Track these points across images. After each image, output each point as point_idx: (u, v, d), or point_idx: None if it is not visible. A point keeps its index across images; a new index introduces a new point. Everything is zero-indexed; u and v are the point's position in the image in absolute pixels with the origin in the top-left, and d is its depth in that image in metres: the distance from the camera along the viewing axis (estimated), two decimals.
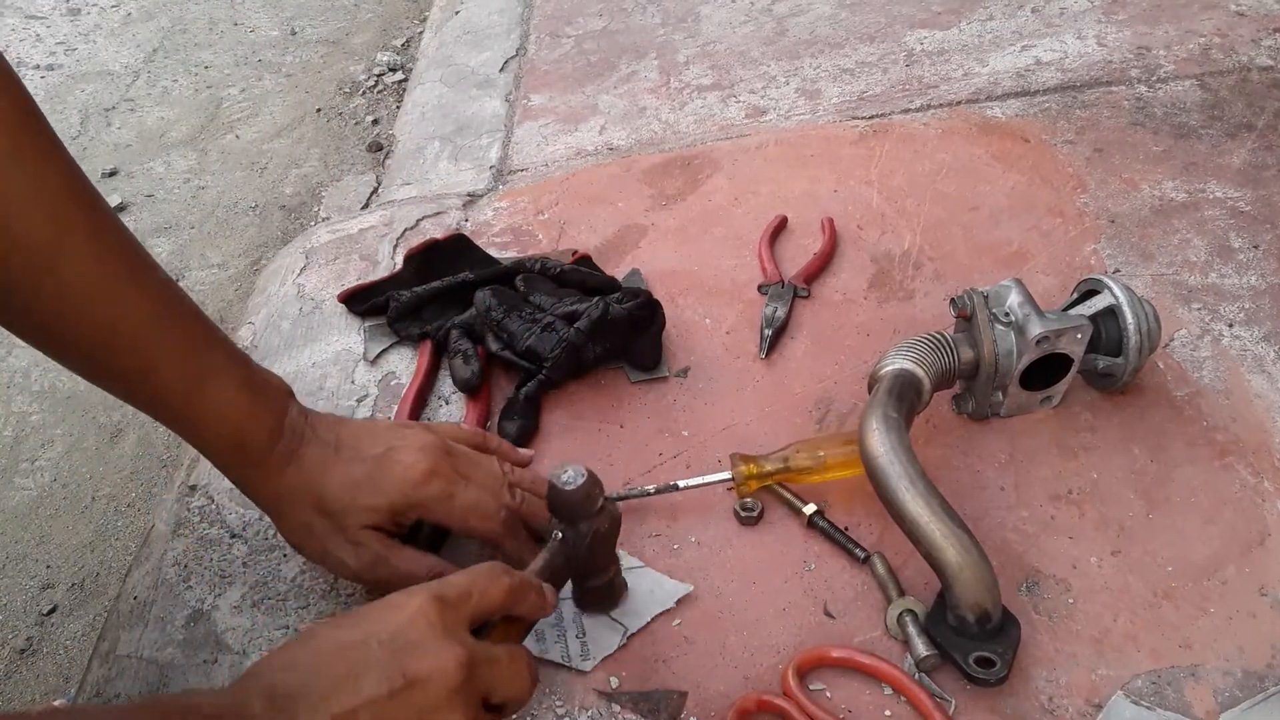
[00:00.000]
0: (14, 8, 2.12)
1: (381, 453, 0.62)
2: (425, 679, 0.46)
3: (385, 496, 0.61)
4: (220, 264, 1.44)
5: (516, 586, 0.53)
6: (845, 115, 1.13)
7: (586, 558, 0.59)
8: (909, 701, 0.58)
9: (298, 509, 0.61)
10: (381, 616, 0.48)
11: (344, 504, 0.60)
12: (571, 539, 0.58)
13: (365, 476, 0.61)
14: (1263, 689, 0.58)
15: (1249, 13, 1.22)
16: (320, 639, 0.48)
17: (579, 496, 0.56)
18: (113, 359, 0.56)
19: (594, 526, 0.58)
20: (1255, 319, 0.82)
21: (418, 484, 0.61)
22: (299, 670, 0.46)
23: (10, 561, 1.07)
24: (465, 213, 1.04)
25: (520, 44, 1.42)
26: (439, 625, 0.48)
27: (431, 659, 0.47)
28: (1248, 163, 0.98)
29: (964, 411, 0.75)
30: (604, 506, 0.58)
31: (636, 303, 0.78)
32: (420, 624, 0.48)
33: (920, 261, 0.91)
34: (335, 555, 0.61)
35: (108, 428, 1.21)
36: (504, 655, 0.51)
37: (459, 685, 0.47)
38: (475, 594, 0.51)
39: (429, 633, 0.47)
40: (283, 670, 0.46)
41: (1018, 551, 0.67)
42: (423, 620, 0.48)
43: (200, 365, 0.58)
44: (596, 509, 0.57)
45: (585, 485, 0.56)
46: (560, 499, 0.56)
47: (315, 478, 0.61)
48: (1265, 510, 0.68)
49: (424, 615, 0.48)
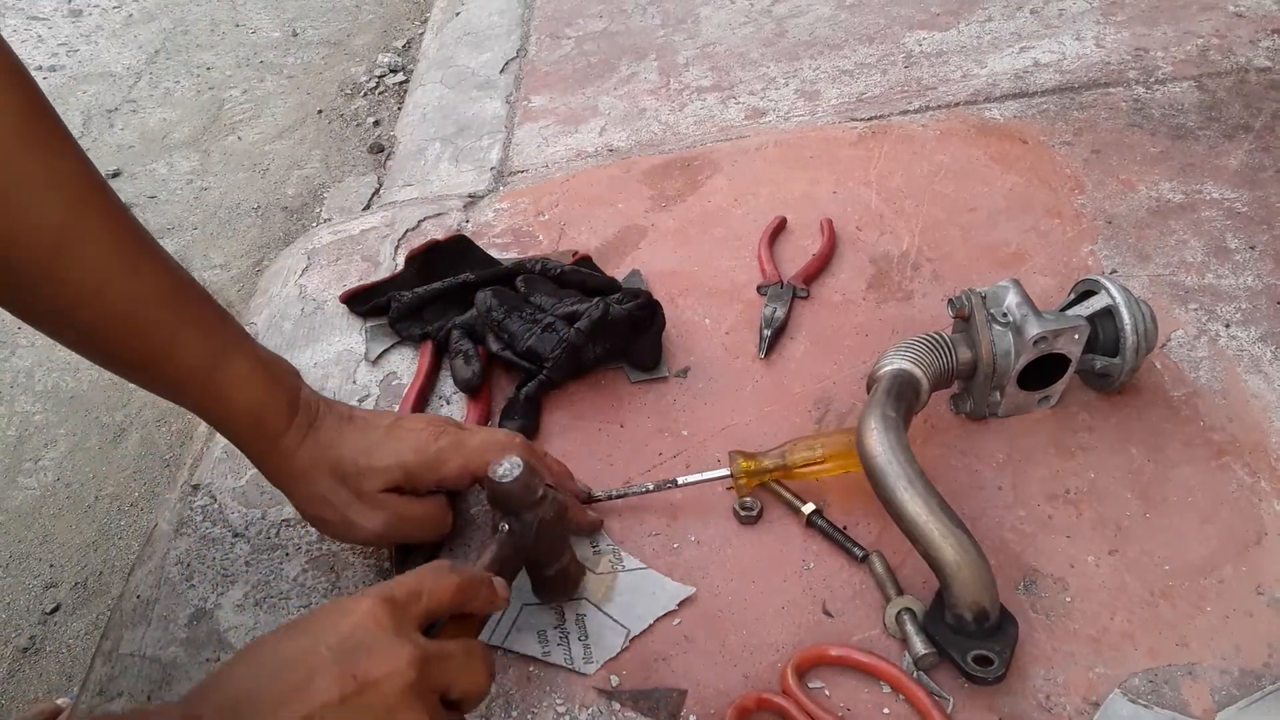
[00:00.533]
0: (16, 9, 2.12)
1: (390, 423, 0.64)
2: (378, 680, 0.46)
3: (398, 456, 0.62)
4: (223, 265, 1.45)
5: (465, 584, 0.53)
6: (844, 117, 1.13)
7: (535, 547, 0.59)
8: (907, 700, 0.59)
9: (315, 480, 0.62)
10: (330, 621, 0.48)
11: (360, 467, 0.62)
12: (518, 530, 0.58)
13: (379, 440, 0.63)
14: (1259, 687, 0.59)
15: (1247, 14, 1.22)
16: (268, 649, 0.47)
17: (518, 488, 0.57)
18: (133, 340, 0.56)
19: (539, 515, 0.58)
20: (1252, 319, 0.82)
21: (429, 439, 0.63)
22: (249, 681, 0.46)
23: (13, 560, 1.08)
24: (466, 214, 1.05)
25: (521, 45, 1.42)
26: (389, 626, 0.48)
27: (383, 659, 0.46)
28: (1245, 164, 0.99)
29: (962, 411, 0.76)
30: (545, 495, 0.59)
31: (636, 303, 0.79)
32: (369, 625, 0.47)
33: (919, 262, 0.91)
34: (355, 521, 0.62)
35: (110, 427, 1.21)
36: (458, 650, 0.51)
37: (413, 683, 0.47)
38: (424, 593, 0.51)
39: (379, 634, 0.47)
40: (233, 683, 0.46)
41: (1015, 550, 0.67)
42: (371, 621, 0.47)
43: (217, 343, 0.59)
44: (537, 498, 0.58)
45: (522, 476, 0.57)
46: (499, 491, 0.57)
47: (331, 447, 0.62)
48: (1262, 510, 0.68)
49: (373, 617, 0.48)
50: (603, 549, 0.69)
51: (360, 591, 0.51)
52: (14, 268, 0.51)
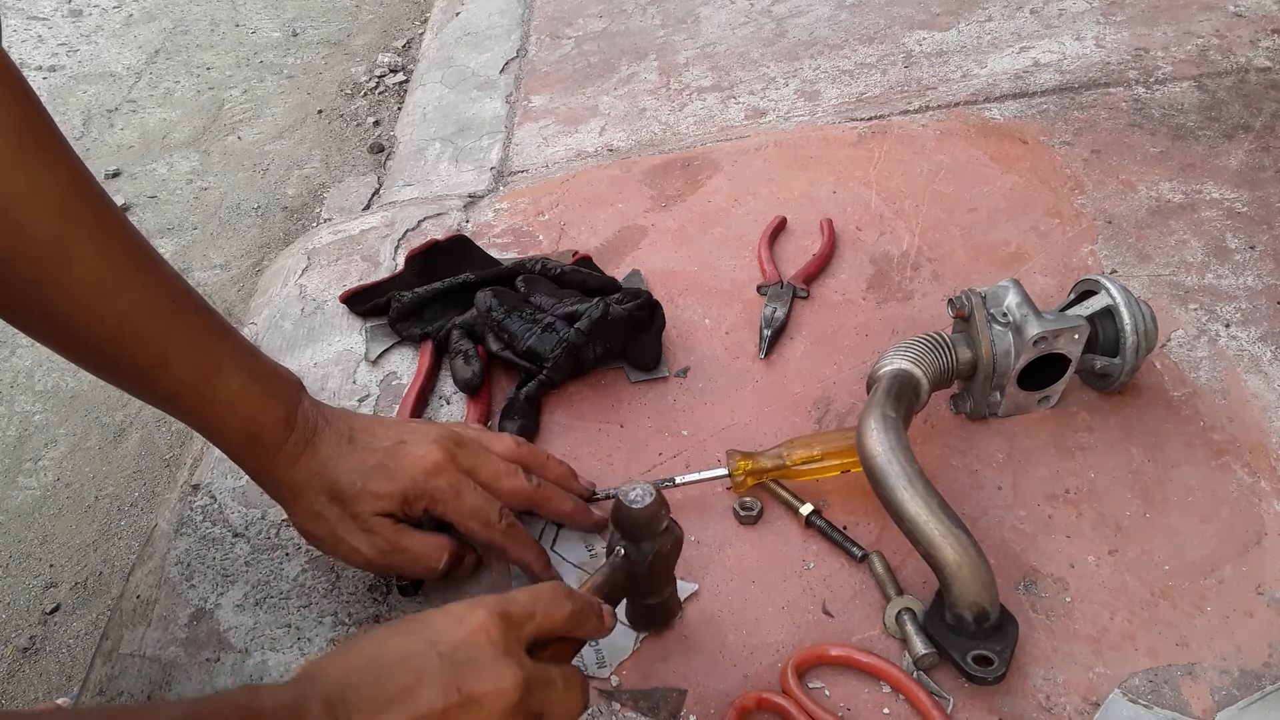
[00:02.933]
0: (16, 9, 2.12)
1: (392, 444, 0.63)
2: (482, 697, 0.46)
3: (396, 483, 0.61)
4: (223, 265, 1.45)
5: (579, 610, 0.52)
6: (844, 117, 1.13)
7: (646, 577, 0.58)
8: (907, 700, 0.59)
9: (311, 498, 0.62)
10: (444, 627, 0.48)
11: (356, 490, 0.61)
12: (634, 558, 0.57)
13: (377, 464, 0.62)
14: (1259, 688, 0.59)
15: (1247, 14, 1.22)
16: (381, 644, 0.48)
17: (646, 516, 0.56)
18: (125, 353, 0.56)
19: (657, 546, 0.57)
20: (1252, 319, 0.82)
21: (428, 474, 0.62)
22: (357, 675, 0.46)
23: (13, 560, 1.08)
24: (466, 214, 1.05)
25: (521, 45, 1.42)
26: (500, 643, 0.48)
27: (490, 678, 0.47)
28: (1245, 164, 0.99)
29: (962, 411, 0.76)
30: (669, 527, 0.57)
31: (636, 303, 0.79)
32: (481, 639, 0.47)
33: (919, 262, 0.91)
34: (348, 542, 0.62)
35: (111, 427, 1.21)
36: (560, 678, 0.51)
37: (514, 705, 0.47)
38: (539, 614, 0.51)
39: (489, 650, 0.47)
40: (341, 674, 0.46)
41: (1015, 550, 0.67)
42: (484, 636, 0.48)
43: (211, 357, 0.59)
44: (661, 529, 0.57)
45: (653, 505, 0.55)
46: (628, 517, 0.56)
47: (328, 466, 0.61)
48: (1262, 509, 0.68)
49: (485, 632, 0.48)
50: (600, 552, 0.69)
51: (474, 599, 0.50)
52: (7, 278, 0.51)
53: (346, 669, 0.46)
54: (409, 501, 0.62)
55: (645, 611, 0.62)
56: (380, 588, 0.68)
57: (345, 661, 0.47)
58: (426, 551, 0.63)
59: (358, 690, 0.45)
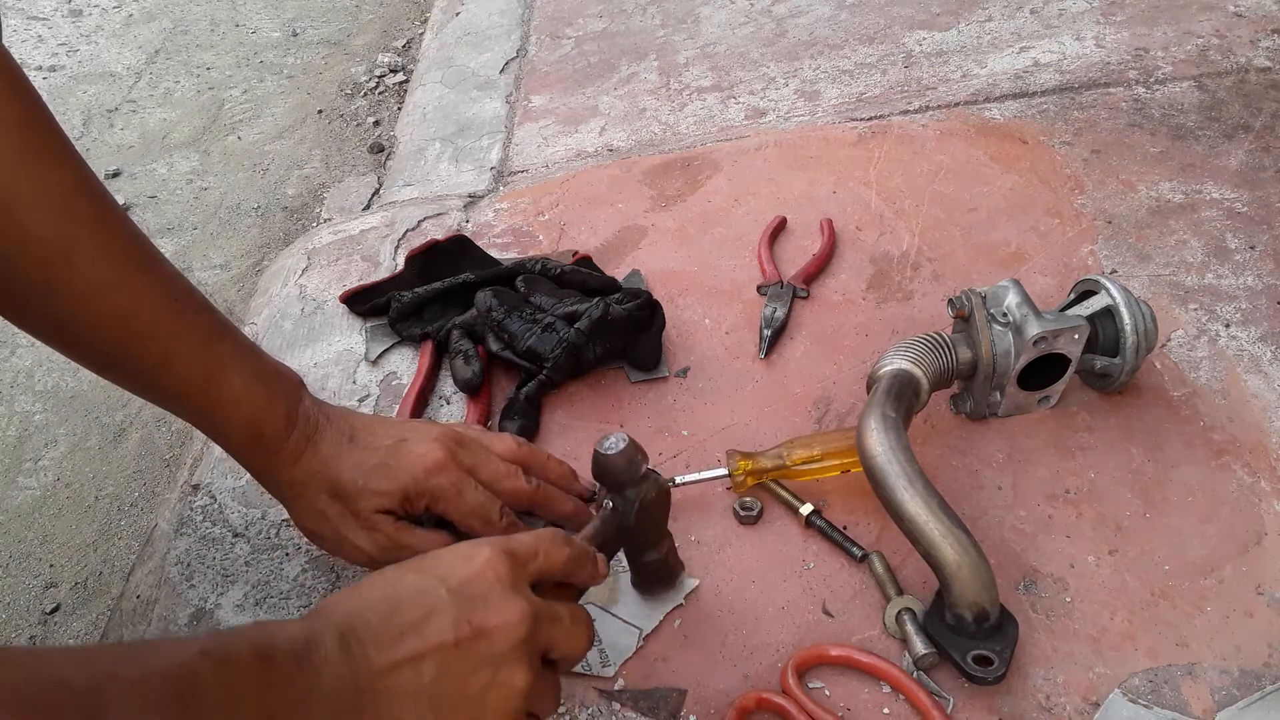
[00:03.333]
0: (16, 9, 2.12)
1: (394, 442, 0.63)
2: (492, 630, 0.47)
3: (397, 481, 0.62)
4: (223, 265, 1.45)
5: (577, 554, 0.54)
6: (844, 117, 1.13)
7: (637, 527, 0.60)
8: (907, 700, 0.59)
9: (312, 495, 0.62)
10: (452, 564, 0.49)
11: (357, 488, 0.61)
12: (621, 508, 0.59)
13: (379, 463, 0.62)
14: (1259, 687, 0.59)
15: (1247, 14, 1.22)
16: (392, 581, 0.49)
17: (622, 461, 0.57)
18: (128, 352, 0.57)
19: (640, 493, 0.59)
20: (1252, 319, 0.82)
21: (429, 472, 0.62)
22: (369, 610, 0.47)
23: (13, 560, 1.07)
24: (466, 214, 1.05)
25: (521, 45, 1.42)
26: (507, 579, 0.49)
27: (499, 611, 0.48)
28: (1245, 164, 0.99)
29: (962, 411, 0.76)
30: (648, 474, 0.59)
31: (636, 303, 0.79)
32: (489, 575, 0.49)
33: (919, 262, 0.91)
34: (349, 540, 0.62)
35: (111, 427, 1.21)
36: (565, 613, 0.52)
37: (524, 638, 0.48)
38: (541, 554, 0.52)
39: (497, 585, 0.48)
40: (354, 609, 0.47)
41: (1015, 550, 0.67)
42: (491, 572, 0.49)
43: (214, 355, 0.59)
44: (640, 475, 0.59)
45: (627, 450, 0.57)
46: (604, 465, 0.58)
47: (330, 464, 0.62)
48: (1262, 509, 0.68)
49: (493, 568, 0.49)
50: None
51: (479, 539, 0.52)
52: (10, 278, 0.52)
53: (359, 604, 0.47)
54: (410, 499, 0.62)
55: (646, 571, 0.63)
56: None
57: (357, 597, 0.48)
58: (427, 547, 0.63)
59: (369, 624, 0.46)
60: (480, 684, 0.47)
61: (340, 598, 0.48)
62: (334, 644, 0.44)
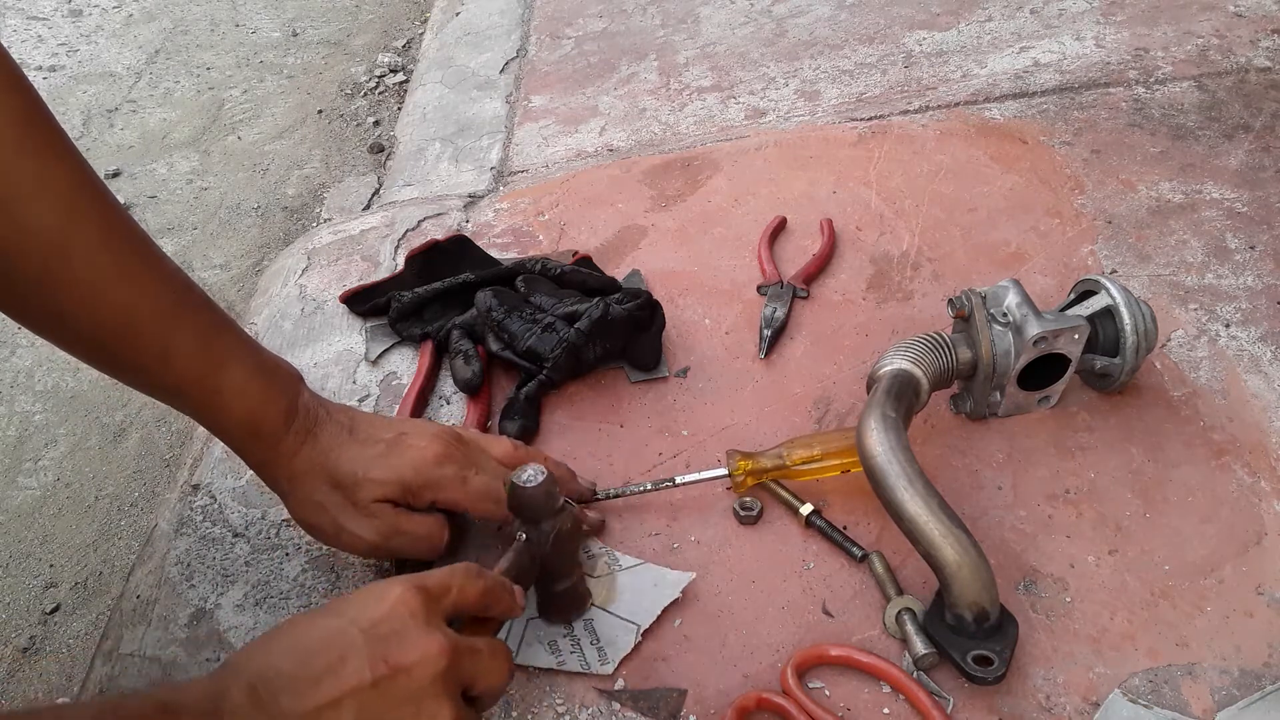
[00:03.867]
0: (16, 9, 2.12)
1: (394, 436, 0.63)
2: (409, 667, 0.47)
3: (397, 471, 0.62)
4: (223, 265, 1.44)
5: (491, 587, 0.54)
6: (844, 117, 1.13)
7: (551, 558, 0.60)
8: (907, 700, 0.59)
9: (311, 486, 0.62)
10: (362, 604, 0.49)
11: (356, 478, 0.62)
12: (535, 539, 0.59)
13: (379, 454, 0.62)
14: (1259, 687, 0.59)
15: (1247, 14, 1.22)
16: (300, 628, 0.48)
17: (540, 495, 0.58)
18: (128, 347, 0.57)
19: (556, 525, 0.59)
20: (1252, 319, 0.82)
21: (431, 463, 0.62)
22: (279, 659, 0.46)
23: (13, 560, 1.07)
24: (466, 214, 1.05)
25: (521, 45, 1.42)
26: (420, 615, 0.48)
27: (415, 647, 0.47)
28: (1245, 164, 0.99)
29: (962, 411, 0.76)
30: (564, 506, 0.60)
31: (636, 303, 0.79)
32: (402, 612, 0.48)
33: (919, 262, 0.91)
34: (349, 529, 0.62)
35: (111, 427, 1.21)
36: (485, 647, 0.52)
37: (442, 673, 0.47)
38: (454, 589, 0.52)
39: (411, 622, 0.48)
40: (263, 660, 0.46)
41: (1015, 550, 0.67)
42: (404, 609, 0.48)
43: (214, 350, 0.59)
44: (557, 508, 0.59)
45: (545, 484, 0.58)
46: (521, 498, 0.58)
47: (329, 456, 0.62)
48: (1262, 509, 0.68)
49: (405, 604, 0.48)
50: (595, 552, 0.68)
51: (390, 578, 0.51)
52: (10, 272, 0.52)
53: (269, 654, 0.47)
54: (411, 491, 0.62)
55: (555, 599, 0.63)
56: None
57: (266, 648, 0.47)
58: (428, 531, 0.64)
59: (282, 672, 0.45)
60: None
61: (250, 649, 0.47)
62: (243, 696, 0.44)
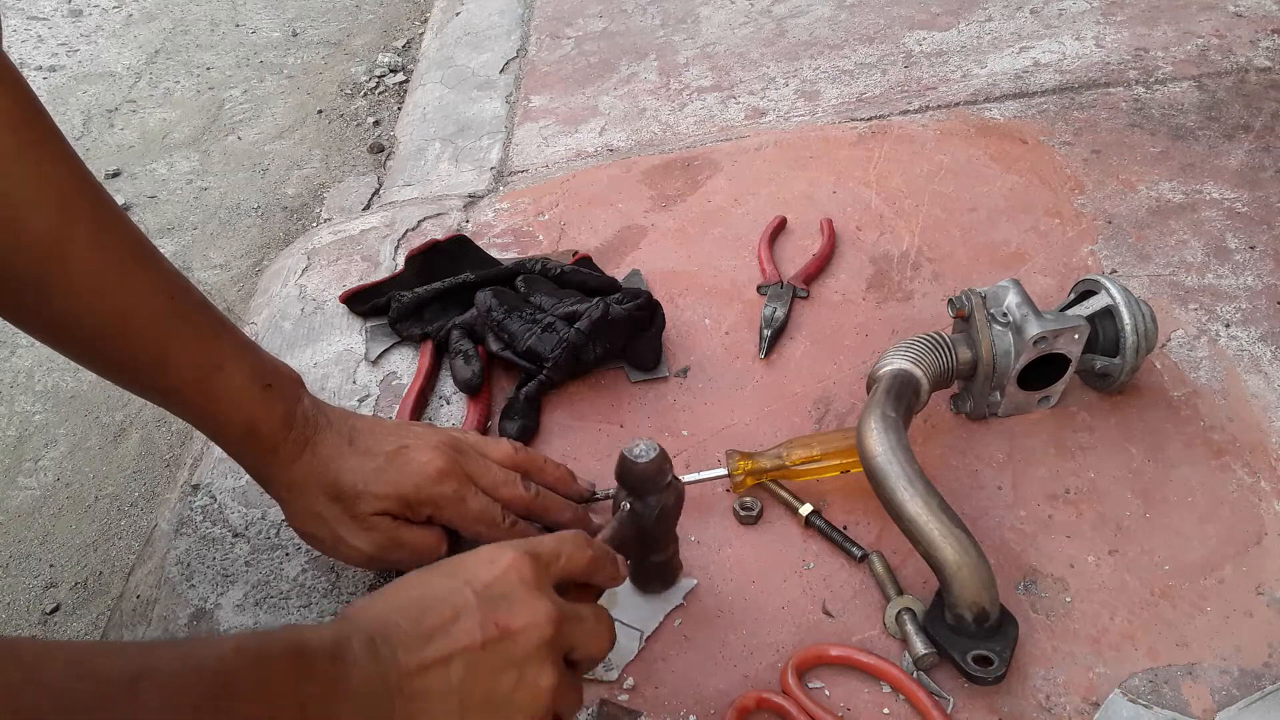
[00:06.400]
0: (16, 9, 2.12)
1: (395, 449, 0.63)
2: (518, 631, 0.47)
3: (397, 487, 0.62)
4: (223, 265, 1.44)
5: (598, 556, 0.54)
6: (844, 116, 1.13)
7: (653, 531, 0.60)
8: (907, 700, 0.59)
9: (309, 497, 0.62)
10: (476, 567, 0.49)
11: (357, 491, 0.61)
12: (641, 511, 0.59)
13: (378, 468, 0.62)
14: (1259, 687, 0.59)
15: (1247, 14, 1.22)
16: (418, 584, 0.49)
17: (651, 470, 0.57)
18: (125, 350, 0.56)
19: (663, 500, 0.59)
20: (1252, 319, 0.82)
21: (432, 480, 0.62)
22: (397, 614, 0.47)
23: (13, 560, 1.07)
24: (466, 214, 1.05)
25: (520, 45, 1.42)
26: (531, 580, 0.49)
27: (525, 612, 0.48)
28: (1245, 164, 0.99)
29: (962, 411, 0.76)
30: (672, 481, 0.59)
31: (636, 303, 0.79)
32: (513, 578, 0.49)
33: (919, 262, 0.91)
34: (347, 541, 0.62)
35: (111, 427, 1.21)
36: (590, 615, 0.52)
37: (549, 639, 0.48)
38: (564, 556, 0.52)
39: (522, 587, 0.49)
40: (381, 613, 0.47)
41: (1015, 550, 0.67)
42: (515, 574, 0.49)
43: (212, 353, 0.59)
44: (666, 483, 0.59)
45: (658, 459, 0.57)
46: (633, 471, 0.57)
47: (329, 467, 0.61)
48: (1262, 510, 0.68)
49: (517, 570, 0.49)
50: None
51: (503, 542, 0.52)
52: (6, 276, 0.51)
53: (386, 608, 0.47)
54: (410, 506, 0.62)
55: (650, 570, 0.63)
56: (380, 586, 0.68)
57: (384, 601, 0.48)
58: (426, 545, 0.64)
59: (398, 626, 0.46)
60: (508, 684, 0.47)
61: (367, 602, 0.48)
62: (362, 647, 0.44)
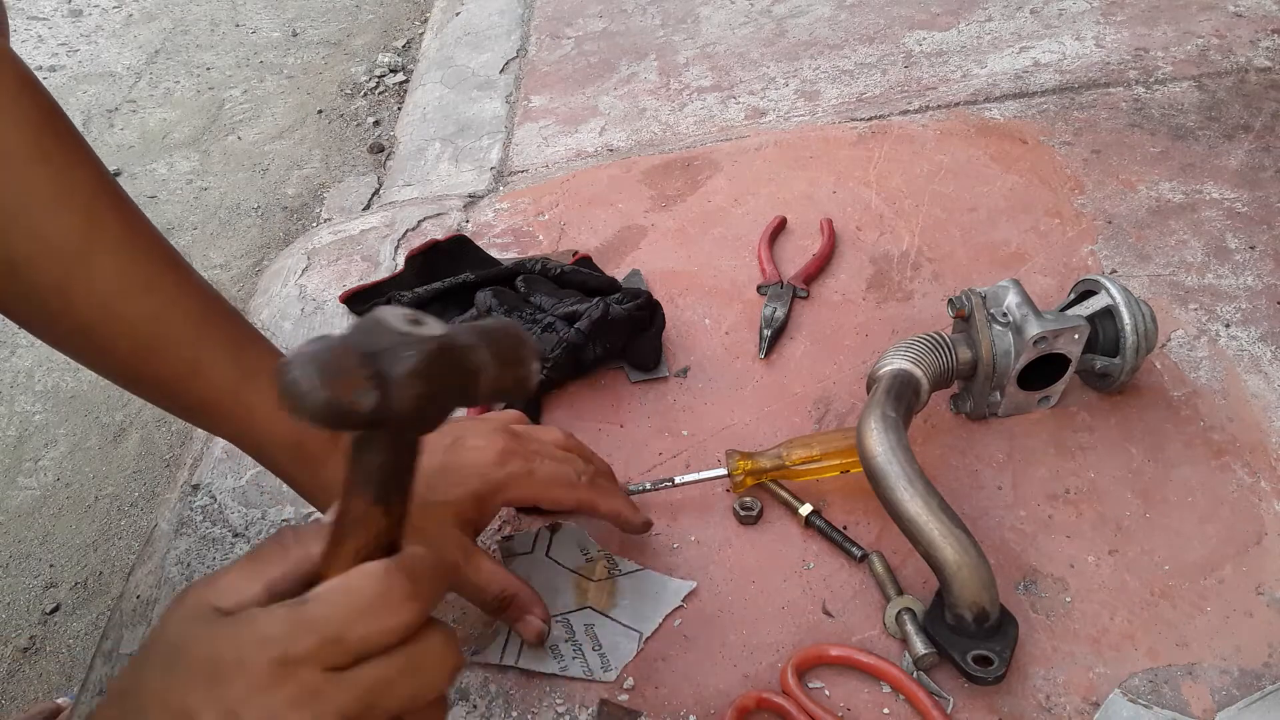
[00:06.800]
0: (16, 9, 2.12)
1: (450, 443, 0.58)
2: None
3: (465, 485, 0.57)
4: (223, 265, 1.45)
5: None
6: (844, 116, 1.13)
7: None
8: (907, 700, 0.59)
9: None
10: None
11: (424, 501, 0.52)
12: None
13: (440, 468, 0.57)
14: (1259, 687, 0.59)
15: (1247, 14, 1.22)
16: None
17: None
18: (155, 359, 0.53)
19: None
20: (1252, 319, 0.82)
21: (495, 464, 0.58)
22: None
23: (14, 560, 1.08)
24: (466, 214, 1.05)
25: (521, 45, 1.42)
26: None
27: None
28: (1245, 164, 0.99)
29: (962, 411, 0.76)
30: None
31: (636, 303, 0.79)
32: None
33: (918, 262, 0.91)
34: None
35: (111, 427, 1.21)
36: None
37: None
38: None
39: None
40: None
41: (1015, 550, 0.67)
42: None
43: (246, 361, 0.55)
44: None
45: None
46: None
47: None
48: (1262, 510, 0.68)
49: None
50: (594, 555, 0.68)
51: None
52: (30, 284, 0.49)
53: None
54: (482, 500, 0.58)
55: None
56: None
57: None
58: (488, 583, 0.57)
59: None
60: None
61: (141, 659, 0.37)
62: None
